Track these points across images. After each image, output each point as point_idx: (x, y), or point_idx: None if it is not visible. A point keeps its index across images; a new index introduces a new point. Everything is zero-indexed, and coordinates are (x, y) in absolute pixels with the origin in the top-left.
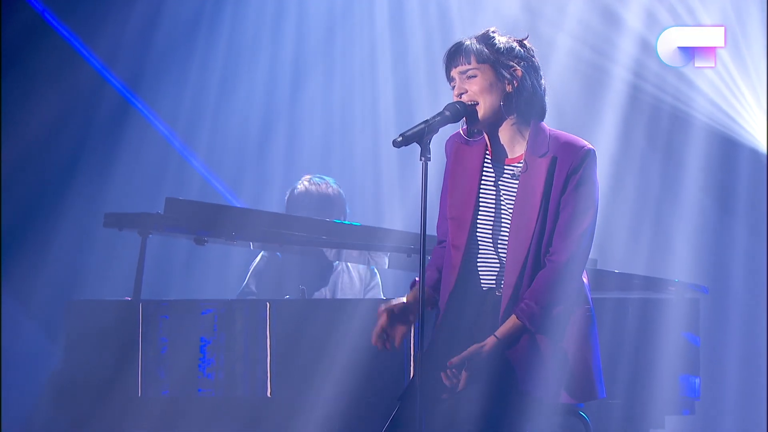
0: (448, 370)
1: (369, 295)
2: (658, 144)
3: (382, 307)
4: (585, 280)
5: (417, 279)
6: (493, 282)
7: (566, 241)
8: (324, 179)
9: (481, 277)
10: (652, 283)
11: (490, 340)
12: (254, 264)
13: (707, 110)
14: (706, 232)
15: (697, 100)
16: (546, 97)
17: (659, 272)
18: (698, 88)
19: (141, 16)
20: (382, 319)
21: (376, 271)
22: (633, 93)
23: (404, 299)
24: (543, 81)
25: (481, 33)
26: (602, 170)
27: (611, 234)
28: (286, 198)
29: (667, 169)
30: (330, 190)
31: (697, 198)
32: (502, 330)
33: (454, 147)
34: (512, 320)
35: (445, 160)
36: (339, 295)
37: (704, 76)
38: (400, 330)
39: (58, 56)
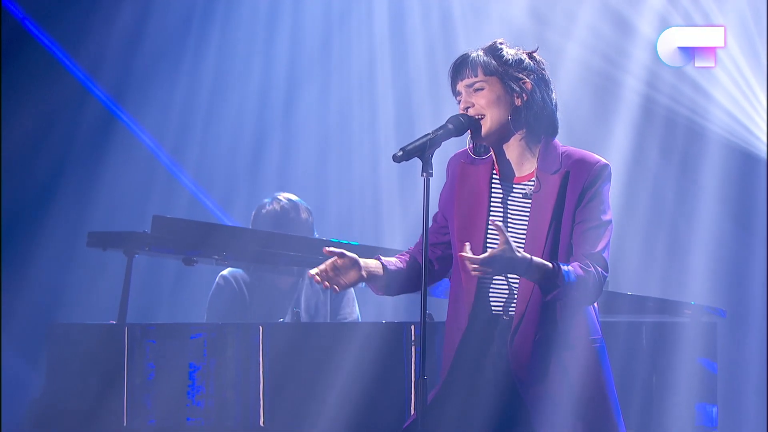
0: (469, 258)
1: (343, 305)
2: (673, 158)
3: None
4: (592, 309)
5: (381, 257)
6: (501, 308)
7: (587, 254)
8: (291, 200)
9: (491, 302)
10: (666, 305)
11: (524, 255)
12: (210, 293)
13: (724, 122)
14: (723, 252)
15: (714, 111)
16: (558, 113)
17: (674, 294)
18: (715, 99)
19: (126, 24)
20: (337, 259)
21: None
22: (646, 104)
23: (370, 262)
24: (554, 95)
25: (488, 44)
26: (614, 185)
27: (623, 253)
28: (252, 216)
29: (682, 183)
30: (297, 212)
31: (714, 215)
32: (538, 260)
33: (458, 167)
34: (549, 263)
35: (446, 177)
36: (303, 308)
37: (721, 86)
38: (349, 276)
39: (38, 66)
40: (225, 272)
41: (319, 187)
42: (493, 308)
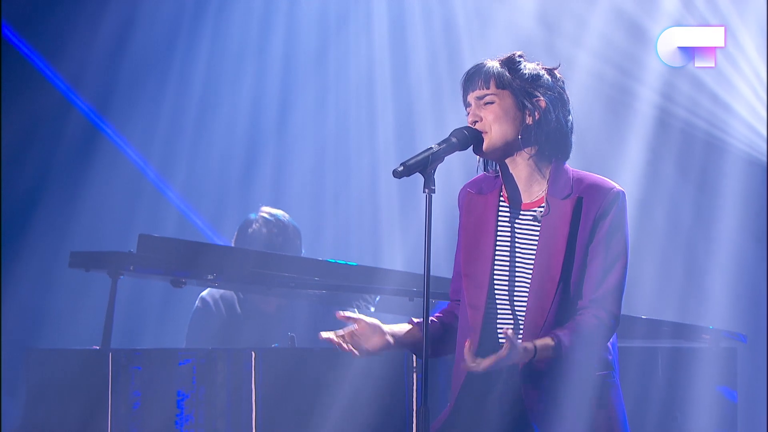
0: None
1: None
2: (691, 174)
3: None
4: (609, 344)
5: (414, 320)
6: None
7: (598, 294)
8: (279, 221)
9: (499, 336)
10: (683, 330)
11: (527, 344)
12: (191, 317)
13: (745, 136)
14: (744, 273)
15: (734, 124)
16: (573, 135)
17: (692, 318)
18: (735, 111)
19: (111, 32)
20: (361, 325)
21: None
22: (662, 117)
23: (396, 327)
24: (571, 117)
25: (506, 56)
26: (628, 204)
27: (638, 275)
28: (235, 235)
29: (700, 202)
30: (285, 236)
31: (734, 234)
32: (538, 342)
33: (467, 199)
34: (546, 339)
35: (458, 211)
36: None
37: (741, 99)
38: (374, 341)
39: (18, 76)
40: (204, 293)
41: (315, 204)
42: (500, 340)
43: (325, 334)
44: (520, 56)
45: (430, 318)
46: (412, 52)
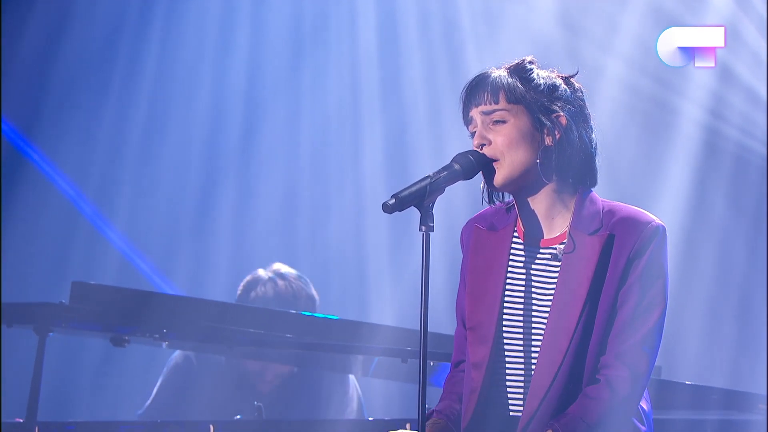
0: None
1: (348, 411)
2: (744, 207)
3: None
4: (645, 405)
5: (435, 409)
6: (521, 408)
7: (624, 348)
8: (287, 275)
9: (510, 402)
10: (734, 398)
11: None
12: (165, 371)
13: None
14: None
15: None
16: (598, 158)
17: (744, 384)
18: None
19: (38, 36)
20: None
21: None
22: (709, 138)
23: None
24: (594, 136)
25: (514, 63)
26: (671, 244)
27: (680, 329)
28: (237, 296)
29: (755, 240)
30: (299, 288)
31: None
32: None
33: (474, 236)
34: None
35: (461, 251)
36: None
37: None
38: None
39: None
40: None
41: (287, 244)
42: (511, 408)
43: None
44: (530, 62)
45: (448, 401)
46: (405, 59)
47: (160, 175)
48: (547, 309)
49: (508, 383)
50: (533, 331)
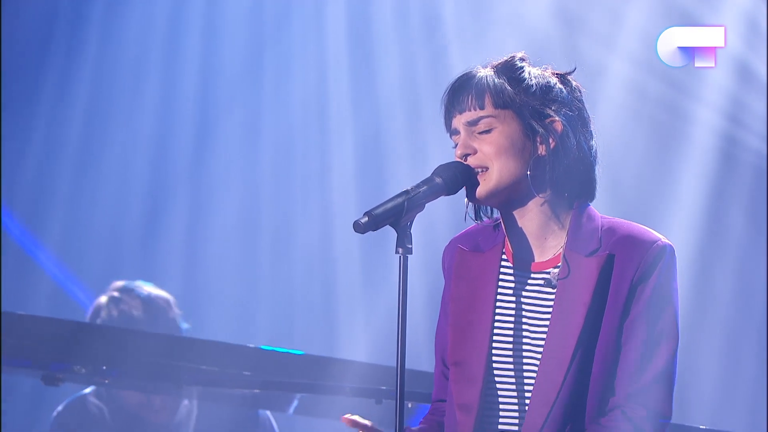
0: None
1: None
2: (765, 224)
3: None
4: None
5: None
6: None
7: (635, 389)
8: (129, 290)
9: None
10: None
11: None
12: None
13: None
14: None
15: None
16: (598, 168)
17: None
18: None
19: None
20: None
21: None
22: (727, 148)
23: None
24: (594, 143)
25: (502, 60)
26: (682, 268)
27: (694, 365)
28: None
29: None
30: (149, 302)
31: None
32: None
33: (457, 258)
34: None
35: (443, 276)
36: None
37: None
38: None
39: None
40: (87, 390)
41: (245, 271)
42: None
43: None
44: (521, 60)
45: (429, 425)
46: (379, 58)
47: (98, 190)
48: (541, 344)
49: (500, 427)
50: (525, 368)
